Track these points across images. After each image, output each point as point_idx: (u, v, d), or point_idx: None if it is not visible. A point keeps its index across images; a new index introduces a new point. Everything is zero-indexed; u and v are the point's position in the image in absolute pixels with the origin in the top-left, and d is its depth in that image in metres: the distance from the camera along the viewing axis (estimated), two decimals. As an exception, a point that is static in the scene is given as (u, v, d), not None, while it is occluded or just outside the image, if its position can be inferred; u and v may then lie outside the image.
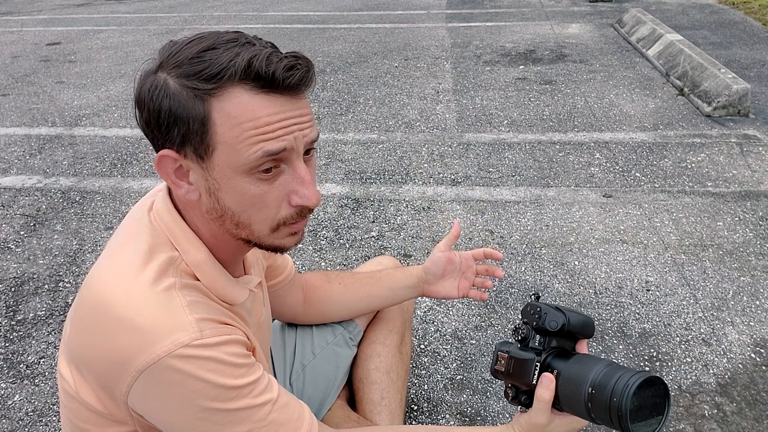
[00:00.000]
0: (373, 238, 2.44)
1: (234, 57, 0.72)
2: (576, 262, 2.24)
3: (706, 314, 1.95)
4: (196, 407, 0.77)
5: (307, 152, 0.80)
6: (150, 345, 0.74)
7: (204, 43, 0.74)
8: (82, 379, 0.82)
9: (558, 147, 3.20)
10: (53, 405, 1.70)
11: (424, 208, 2.66)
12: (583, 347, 0.94)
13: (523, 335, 0.93)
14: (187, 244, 0.83)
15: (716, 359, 1.77)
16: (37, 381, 1.78)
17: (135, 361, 0.74)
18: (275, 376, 1.30)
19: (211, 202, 0.79)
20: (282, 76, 0.73)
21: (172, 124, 0.74)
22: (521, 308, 0.98)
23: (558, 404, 0.89)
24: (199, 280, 0.84)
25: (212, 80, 0.72)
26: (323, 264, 2.29)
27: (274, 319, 1.32)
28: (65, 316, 2.05)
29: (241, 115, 0.73)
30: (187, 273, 0.83)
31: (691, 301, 2.02)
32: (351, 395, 1.39)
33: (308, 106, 0.79)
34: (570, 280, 2.14)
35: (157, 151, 0.79)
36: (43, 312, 2.08)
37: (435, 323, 1.96)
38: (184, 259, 0.83)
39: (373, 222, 2.56)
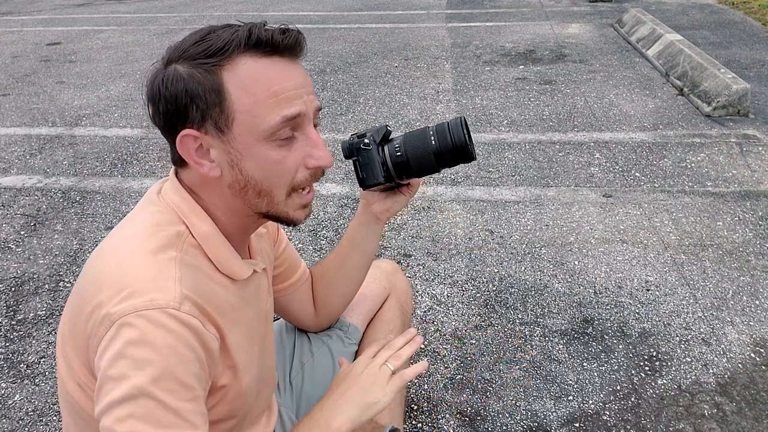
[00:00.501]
0: (373, 238, 2.44)
1: (234, 32, 0.78)
2: (576, 262, 2.24)
3: (705, 314, 1.95)
4: (132, 383, 0.71)
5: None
6: (127, 297, 0.73)
7: (203, 32, 0.80)
8: (74, 353, 0.81)
9: (558, 147, 3.20)
10: (53, 405, 1.70)
11: (423, 208, 2.66)
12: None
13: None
14: (195, 217, 0.84)
15: (716, 359, 1.77)
16: (37, 381, 1.79)
17: (113, 312, 0.73)
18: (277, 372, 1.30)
19: (234, 175, 0.82)
20: (279, 37, 0.78)
21: (190, 102, 0.78)
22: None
23: (410, 172, 1.00)
24: (206, 254, 0.84)
25: (218, 53, 0.77)
26: (323, 264, 2.29)
27: (278, 318, 1.32)
28: (65, 316, 2.05)
29: (252, 81, 0.78)
30: (194, 246, 0.83)
31: (691, 300, 2.02)
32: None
33: (308, 75, 0.84)
34: (570, 279, 2.15)
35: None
36: (44, 312, 2.08)
37: (435, 323, 1.96)
38: (191, 231, 0.84)
39: (373, 222, 2.56)
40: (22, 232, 2.58)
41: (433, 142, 0.97)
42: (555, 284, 2.13)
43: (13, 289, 2.21)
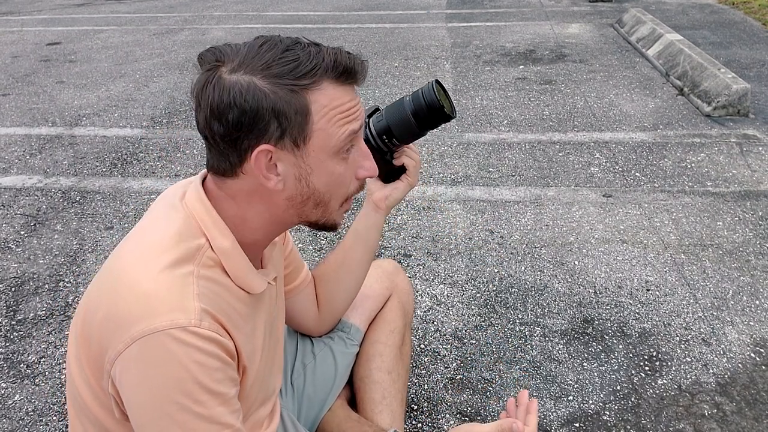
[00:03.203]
0: (373, 238, 2.44)
1: (316, 55, 0.81)
2: (576, 262, 2.25)
3: (705, 314, 1.95)
4: (167, 397, 0.77)
5: None
6: (149, 316, 0.76)
7: (278, 46, 0.81)
8: (85, 354, 0.84)
9: (558, 147, 3.20)
10: (53, 405, 1.70)
11: (424, 208, 2.66)
12: None
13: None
14: (216, 231, 0.86)
15: (716, 359, 1.77)
16: (37, 381, 1.79)
17: (132, 328, 0.76)
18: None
19: (299, 188, 0.85)
20: (359, 69, 0.86)
21: (271, 119, 0.80)
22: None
23: (391, 135, 1.09)
24: (224, 267, 0.86)
25: (306, 77, 0.80)
26: (323, 264, 2.29)
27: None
28: (66, 316, 2.05)
29: (330, 103, 0.83)
30: (213, 260, 0.85)
31: (691, 300, 2.02)
32: (351, 395, 1.39)
33: None
34: (570, 279, 2.15)
35: (236, 152, 0.81)
36: (44, 312, 2.08)
37: (435, 323, 1.96)
38: (212, 244, 0.85)
39: (373, 222, 2.56)
40: (22, 232, 2.58)
41: (409, 104, 1.07)
42: (555, 284, 2.13)
43: (13, 289, 2.21)
